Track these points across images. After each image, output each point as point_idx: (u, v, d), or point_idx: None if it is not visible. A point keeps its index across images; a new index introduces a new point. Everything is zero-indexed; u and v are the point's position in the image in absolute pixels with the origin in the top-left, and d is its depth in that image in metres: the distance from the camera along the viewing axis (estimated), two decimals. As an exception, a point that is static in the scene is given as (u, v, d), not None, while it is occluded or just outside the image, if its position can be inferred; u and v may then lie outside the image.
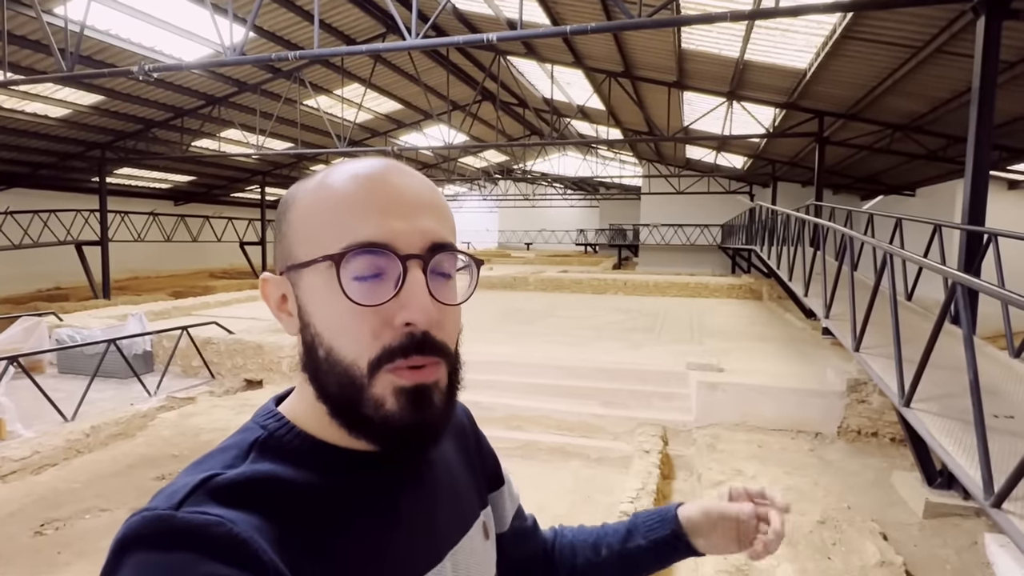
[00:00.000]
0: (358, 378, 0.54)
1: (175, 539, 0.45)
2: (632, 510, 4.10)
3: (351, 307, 0.53)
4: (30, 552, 3.83)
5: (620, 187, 31.40)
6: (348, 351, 0.54)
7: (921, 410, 3.55)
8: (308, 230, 0.56)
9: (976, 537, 3.94)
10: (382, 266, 0.54)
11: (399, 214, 0.55)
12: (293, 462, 0.55)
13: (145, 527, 0.46)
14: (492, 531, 0.75)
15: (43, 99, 11.78)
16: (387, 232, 0.54)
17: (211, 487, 0.49)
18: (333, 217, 0.55)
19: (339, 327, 0.54)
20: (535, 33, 6.50)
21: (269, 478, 0.53)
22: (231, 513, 0.47)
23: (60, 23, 7.91)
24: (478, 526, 0.71)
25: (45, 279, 17.65)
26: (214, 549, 0.45)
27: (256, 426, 0.59)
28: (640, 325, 10.09)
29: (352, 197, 0.55)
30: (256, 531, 0.47)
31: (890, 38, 7.21)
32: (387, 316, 0.53)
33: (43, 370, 7.99)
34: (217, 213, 21.82)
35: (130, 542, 0.45)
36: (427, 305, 0.54)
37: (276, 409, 0.62)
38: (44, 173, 16.46)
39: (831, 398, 5.85)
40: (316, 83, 13.70)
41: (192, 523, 0.46)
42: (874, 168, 15.05)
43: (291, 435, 0.58)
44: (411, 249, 0.54)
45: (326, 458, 0.57)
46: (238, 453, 0.55)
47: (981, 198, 5.11)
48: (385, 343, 0.54)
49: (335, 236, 0.54)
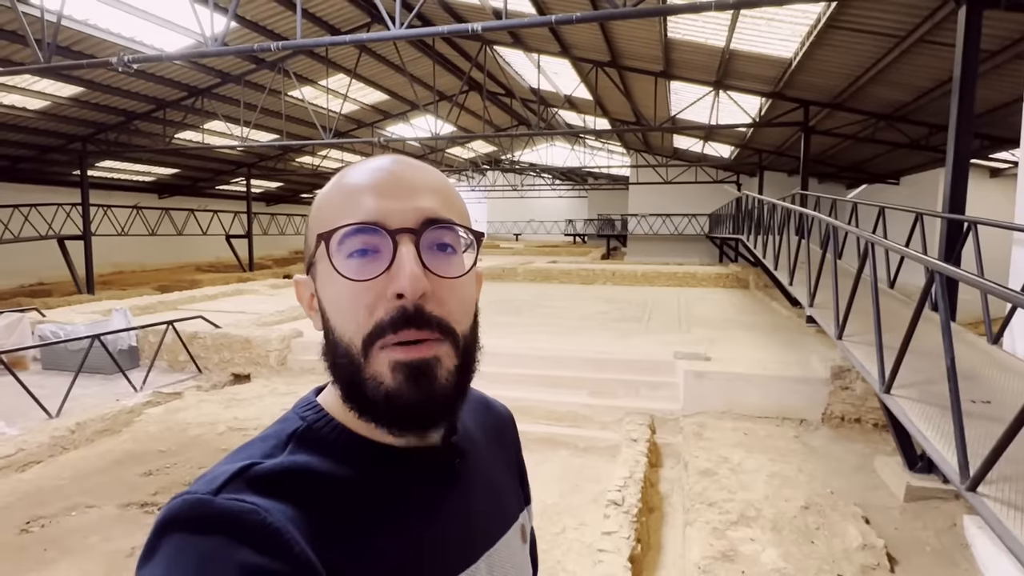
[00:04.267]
0: (356, 356, 0.55)
1: (212, 524, 0.46)
2: (620, 498, 4.15)
3: (347, 284, 0.54)
4: (16, 550, 3.80)
5: (608, 177, 31.40)
6: (346, 329, 0.55)
7: (901, 396, 3.61)
8: (317, 224, 0.58)
9: (955, 519, 4.03)
10: (375, 243, 0.55)
11: (393, 195, 0.56)
12: (330, 454, 0.56)
13: (185, 510, 0.47)
14: (529, 536, 0.75)
15: (20, 91, 11.53)
16: (379, 211, 0.55)
17: (249, 476, 0.51)
18: (336, 206, 0.57)
19: (338, 306, 0.56)
20: (521, 23, 6.47)
21: (305, 470, 0.54)
22: (267, 502, 0.49)
23: (36, 13, 7.73)
24: (516, 528, 0.70)
25: (27, 274, 17.38)
26: (248, 536, 0.46)
27: (296, 417, 0.60)
28: (628, 315, 10.15)
29: (354, 187, 0.57)
30: (290, 521, 0.49)
31: (874, 27, 7.25)
32: (381, 291, 0.54)
33: (26, 366, 7.89)
34: (202, 206, 21.58)
35: (170, 523, 0.47)
36: (415, 274, 0.54)
37: (315, 400, 0.63)
38: (24, 167, 16.15)
39: (815, 385, 5.93)
40: (300, 74, 13.53)
41: (229, 509, 0.47)
42: (859, 157, 15.17)
43: (328, 427, 0.59)
44: (403, 224, 0.55)
45: (361, 452, 0.58)
46: (277, 443, 0.56)
47: (962, 186, 5.18)
48: (378, 318, 0.54)
49: (334, 222, 0.56)
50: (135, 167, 18.90)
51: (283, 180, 24.81)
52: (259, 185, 24.41)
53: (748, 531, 3.84)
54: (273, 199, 27.83)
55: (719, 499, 4.21)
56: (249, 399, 6.88)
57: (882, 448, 5.25)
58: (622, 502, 4.11)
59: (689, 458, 5.01)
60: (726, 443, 5.29)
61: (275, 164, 21.29)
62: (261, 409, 6.47)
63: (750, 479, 4.52)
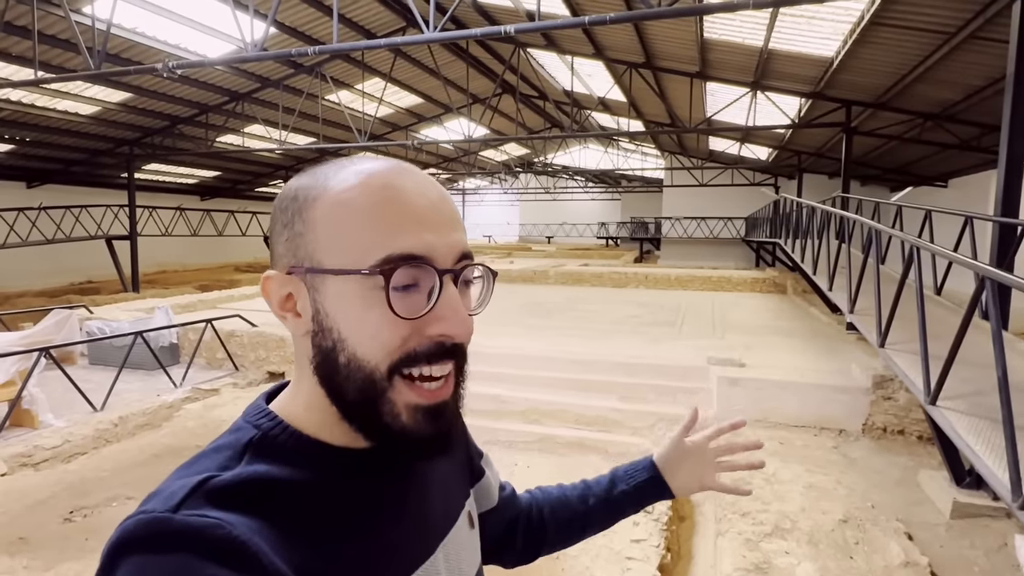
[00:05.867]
0: (379, 382, 0.54)
1: (173, 541, 0.44)
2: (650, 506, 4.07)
3: (390, 317, 0.53)
4: (59, 538, 3.94)
5: (642, 180, 31.06)
6: (372, 356, 0.54)
7: (948, 408, 3.44)
8: (338, 236, 0.54)
9: (1006, 539, 3.83)
10: (419, 277, 0.54)
11: (432, 227, 0.55)
12: (288, 462, 0.55)
13: (141, 529, 0.45)
14: (476, 520, 0.77)
15: (73, 97, 12.06)
16: (424, 245, 0.54)
17: (208, 489, 0.49)
18: (368, 225, 0.54)
19: (370, 334, 0.54)
20: (554, 24, 6.45)
21: (265, 480, 0.52)
22: (230, 516, 0.47)
23: (88, 22, 8.08)
24: (464, 516, 0.72)
25: (77, 273, 18.15)
26: (214, 552, 0.44)
27: (249, 426, 0.58)
28: (661, 319, 10.00)
29: (385, 207, 0.55)
30: (255, 533, 0.47)
31: (921, 24, 6.98)
32: (419, 326, 0.54)
33: (74, 361, 8.22)
34: (242, 208, 22.17)
35: (126, 545, 0.45)
36: (466, 320, 0.55)
37: (267, 408, 0.61)
38: (75, 170, 16.90)
39: (856, 394, 5.73)
40: (337, 78, 13.79)
41: (192, 525, 0.45)
42: (904, 159, 14.64)
43: (285, 435, 0.57)
44: (446, 263, 0.55)
45: (321, 457, 0.57)
46: (232, 454, 0.54)
47: (1015, 189, 4.94)
48: (410, 348, 0.54)
49: (372, 246, 0.53)
50: (179, 170, 19.57)
51: (319, 183, 25.25)
52: (296, 187, 24.89)
53: (783, 543, 3.72)
54: (310, 201, 28.35)
55: (752, 509, 4.10)
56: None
57: (927, 462, 5.04)
58: (652, 510, 4.04)
59: (722, 466, 4.89)
60: (761, 452, 5.14)
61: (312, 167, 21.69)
62: (294, 407, 6.57)
63: (785, 490, 4.38)
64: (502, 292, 13.61)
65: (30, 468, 5.03)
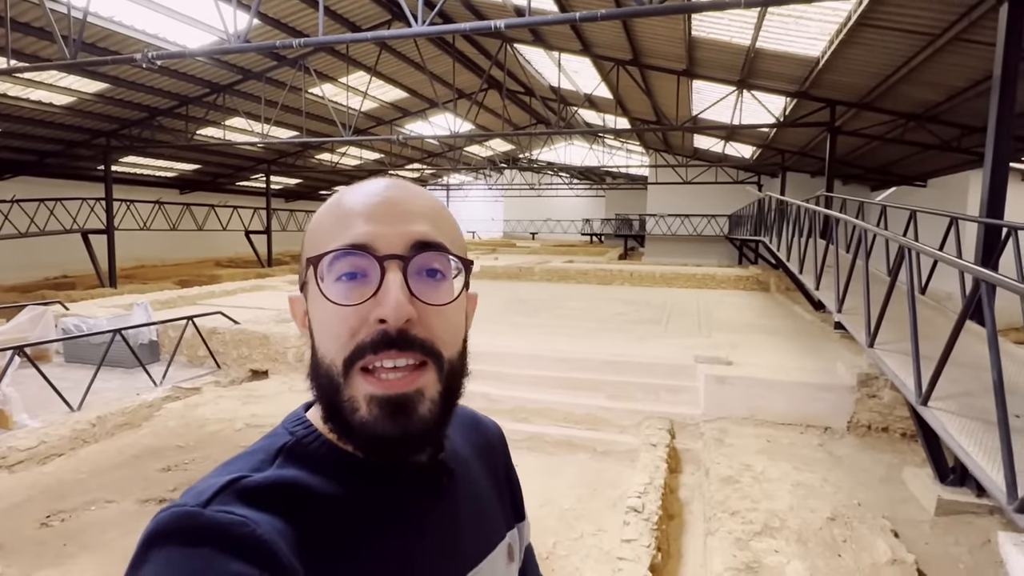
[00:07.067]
0: (335, 377, 0.56)
1: (201, 536, 0.47)
2: (640, 505, 4.06)
3: (334, 308, 0.55)
4: (35, 544, 3.81)
5: (626, 177, 31.16)
6: (329, 350, 0.56)
7: (939, 409, 3.47)
8: (309, 246, 0.60)
9: (990, 535, 3.88)
10: (363, 267, 0.56)
11: (385, 220, 0.57)
12: (317, 470, 0.57)
13: (173, 522, 0.48)
14: (517, 555, 0.75)
15: (47, 87, 11.72)
16: (368, 235, 0.56)
17: (238, 488, 0.51)
18: (327, 230, 0.58)
19: (323, 327, 0.57)
20: (543, 20, 6.38)
21: (294, 484, 0.55)
22: (255, 515, 0.49)
23: (63, 9, 7.83)
24: (502, 547, 0.71)
25: (52, 267, 17.70)
26: (237, 548, 0.47)
27: (284, 431, 0.61)
28: (647, 317, 10.02)
29: (346, 211, 0.58)
30: (278, 534, 0.49)
31: (907, 25, 7.05)
32: (366, 315, 0.55)
33: (49, 359, 8.00)
34: (223, 202, 21.80)
35: (158, 536, 0.47)
36: (400, 301, 0.54)
37: (304, 416, 0.63)
38: (50, 161, 16.43)
39: (841, 392, 5.78)
40: (321, 71, 13.58)
41: (218, 521, 0.48)
42: (886, 158, 14.84)
43: (317, 443, 0.60)
44: (391, 250, 0.56)
45: (349, 468, 0.58)
46: (265, 457, 0.57)
47: (1000, 190, 5.00)
48: (359, 340, 0.55)
49: (324, 248, 0.57)
50: (157, 163, 19.16)
51: (302, 177, 24.99)
52: (278, 182, 24.60)
53: (772, 542, 3.73)
54: (292, 195, 28.04)
55: (742, 508, 4.11)
56: (267, 395, 6.90)
57: (911, 459, 5.09)
58: (642, 509, 4.02)
59: (710, 464, 4.90)
60: (748, 450, 5.17)
61: (295, 161, 21.43)
62: (278, 406, 6.48)
63: (773, 488, 4.40)
64: (487, 289, 13.55)
65: (4, 470, 4.87)
